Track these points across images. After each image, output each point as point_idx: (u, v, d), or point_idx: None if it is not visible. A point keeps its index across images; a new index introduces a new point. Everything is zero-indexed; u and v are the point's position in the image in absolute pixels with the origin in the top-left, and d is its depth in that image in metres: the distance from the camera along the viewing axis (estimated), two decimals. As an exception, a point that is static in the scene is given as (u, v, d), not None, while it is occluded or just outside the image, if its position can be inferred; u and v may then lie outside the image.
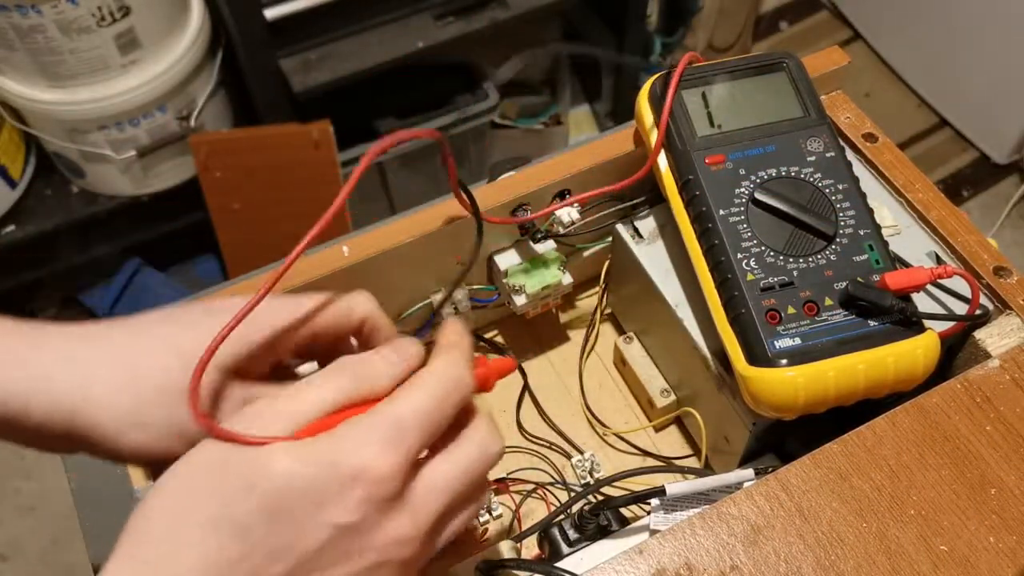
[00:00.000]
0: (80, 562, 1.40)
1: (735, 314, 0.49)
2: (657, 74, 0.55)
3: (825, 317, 0.48)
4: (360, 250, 0.54)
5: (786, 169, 0.52)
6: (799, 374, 0.46)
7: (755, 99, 0.55)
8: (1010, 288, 0.53)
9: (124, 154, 1.33)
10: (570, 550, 0.50)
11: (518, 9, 1.42)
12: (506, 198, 0.57)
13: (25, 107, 1.29)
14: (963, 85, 1.81)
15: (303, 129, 1.36)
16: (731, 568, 0.43)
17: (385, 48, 1.36)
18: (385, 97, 1.50)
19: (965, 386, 0.49)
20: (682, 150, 0.52)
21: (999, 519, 0.45)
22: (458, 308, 0.60)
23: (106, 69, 1.24)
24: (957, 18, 1.75)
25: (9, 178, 1.39)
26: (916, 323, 0.48)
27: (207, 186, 1.42)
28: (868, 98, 1.92)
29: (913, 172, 0.59)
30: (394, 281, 0.57)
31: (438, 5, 1.39)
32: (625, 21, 1.61)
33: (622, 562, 0.44)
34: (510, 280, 0.59)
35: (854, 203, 0.51)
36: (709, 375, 0.54)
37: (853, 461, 0.46)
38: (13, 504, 1.47)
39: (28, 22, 1.15)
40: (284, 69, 1.33)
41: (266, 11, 1.27)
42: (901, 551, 0.43)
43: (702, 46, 1.89)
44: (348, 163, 1.46)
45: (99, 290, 1.58)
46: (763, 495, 0.45)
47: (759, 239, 0.50)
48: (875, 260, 0.50)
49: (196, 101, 1.36)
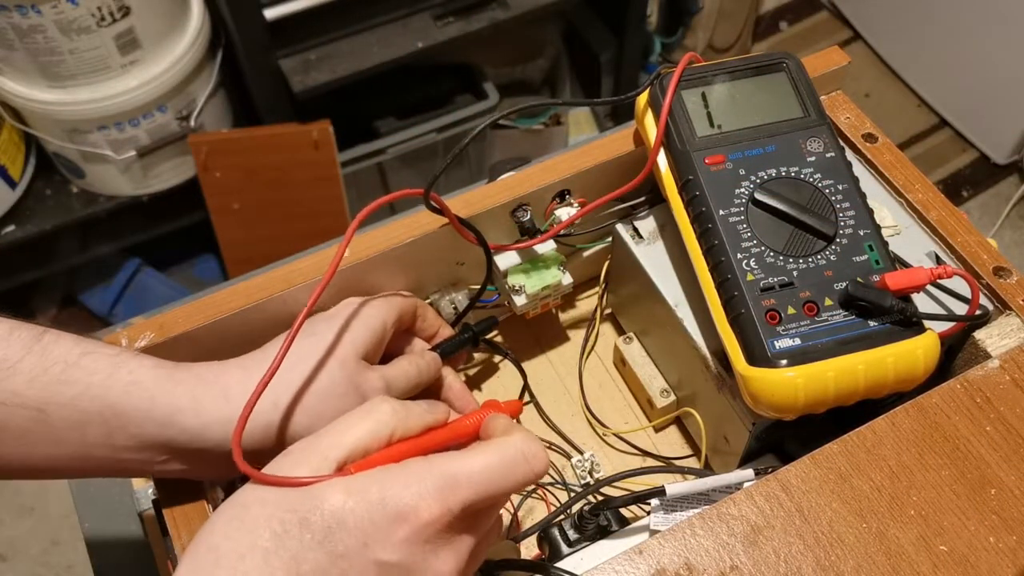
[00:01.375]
0: (80, 562, 1.40)
1: (735, 314, 0.49)
2: (657, 74, 0.55)
3: (825, 317, 0.48)
4: (359, 250, 0.54)
5: (786, 169, 0.52)
6: (799, 374, 0.46)
7: (755, 99, 0.55)
8: (1010, 288, 0.53)
9: (124, 154, 1.33)
10: (570, 550, 0.50)
11: (518, 9, 1.42)
12: (506, 198, 0.57)
13: (25, 107, 1.29)
14: (963, 85, 1.81)
15: (303, 129, 1.36)
16: (731, 568, 0.43)
17: (385, 48, 1.36)
18: (385, 97, 1.50)
19: (965, 386, 0.49)
20: (682, 150, 0.52)
21: (999, 519, 0.45)
22: (458, 308, 0.60)
23: (106, 69, 1.24)
24: (957, 18, 1.75)
25: (9, 178, 1.39)
26: (916, 323, 0.48)
27: (207, 186, 1.42)
28: (868, 98, 1.92)
29: (913, 172, 0.59)
30: (393, 282, 0.57)
31: (438, 5, 1.39)
32: (625, 21, 1.61)
33: (622, 562, 0.44)
34: (510, 280, 0.59)
35: (854, 203, 0.51)
36: (709, 375, 0.54)
37: (853, 461, 0.46)
38: (13, 504, 1.47)
39: (28, 22, 1.15)
40: (284, 69, 1.34)
41: (266, 11, 1.27)
42: (901, 551, 0.43)
43: (702, 46, 1.89)
44: (348, 163, 1.46)
45: (99, 290, 1.58)
46: (763, 495, 0.45)
47: (759, 239, 0.50)
48: (875, 260, 0.50)
49: (196, 101, 1.36)
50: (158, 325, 0.51)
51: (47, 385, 0.42)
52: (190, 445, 0.44)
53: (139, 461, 0.44)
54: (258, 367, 0.46)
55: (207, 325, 0.51)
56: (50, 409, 0.42)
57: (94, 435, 0.42)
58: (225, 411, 0.44)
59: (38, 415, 0.41)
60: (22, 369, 0.42)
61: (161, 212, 1.47)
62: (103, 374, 0.43)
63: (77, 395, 0.42)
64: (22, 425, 0.41)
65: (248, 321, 0.52)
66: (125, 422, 0.43)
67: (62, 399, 0.42)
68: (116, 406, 0.42)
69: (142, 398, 0.43)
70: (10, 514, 1.46)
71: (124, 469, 0.44)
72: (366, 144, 1.48)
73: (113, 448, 0.43)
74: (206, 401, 0.44)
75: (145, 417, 0.43)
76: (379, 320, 0.51)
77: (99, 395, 0.42)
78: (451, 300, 0.60)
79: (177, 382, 0.44)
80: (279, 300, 0.52)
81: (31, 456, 0.42)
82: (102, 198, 1.43)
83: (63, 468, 0.44)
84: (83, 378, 0.42)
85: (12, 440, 0.42)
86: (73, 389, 0.42)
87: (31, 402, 0.41)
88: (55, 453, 0.43)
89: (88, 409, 0.42)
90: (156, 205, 1.44)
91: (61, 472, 0.44)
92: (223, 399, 0.44)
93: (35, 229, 1.41)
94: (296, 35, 1.33)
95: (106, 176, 1.39)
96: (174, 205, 1.46)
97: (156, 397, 0.43)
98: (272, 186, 1.43)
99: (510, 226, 0.59)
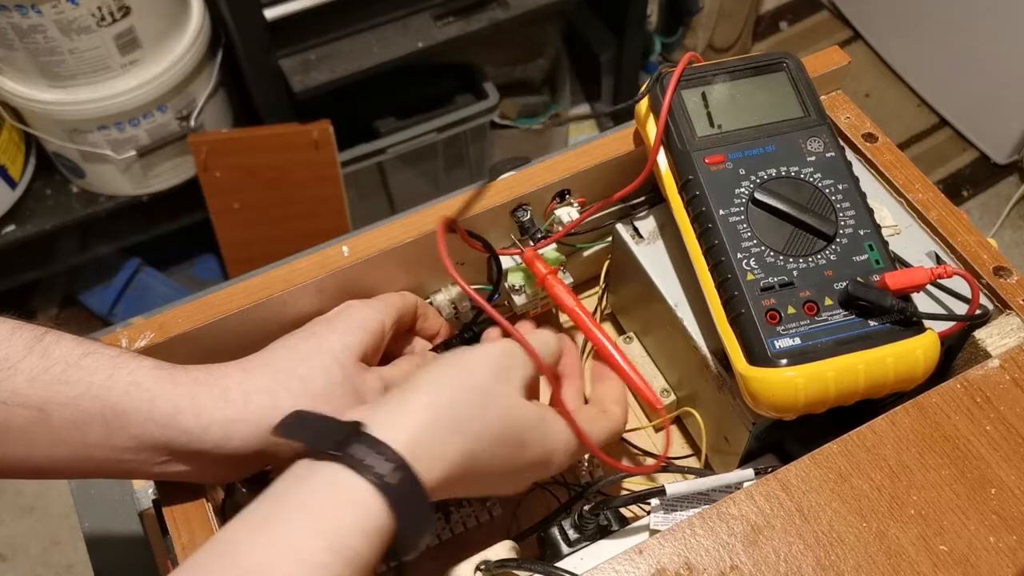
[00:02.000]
0: (80, 562, 1.40)
1: (735, 314, 0.49)
2: (657, 74, 0.55)
3: (825, 317, 0.48)
4: (360, 250, 0.54)
5: (786, 169, 0.52)
6: (799, 374, 0.46)
7: (755, 99, 0.55)
8: (1010, 288, 0.53)
9: (124, 154, 1.33)
10: (570, 550, 0.50)
11: (518, 9, 1.42)
12: (506, 198, 0.57)
13: (25, 107, 1.29)
14: (963, 85, 1.81)
15: (303, 129, 1.36)
16: (731, 568, 0.43)
17: (385, 48, 1.36)
18: (385, 97, 1.50)
19: (965, 386, 0.49)
20: (682, 150, 0.52)
21: (999, 519, 0.45)
22: (458, 308, 0.60)
23: (106, 69, 1.24)
24: (957, 18, 1.75)
25: (9, 178, 1.39)
26: (916, 323, 0.48)
27: (207, 186, 1.42)
28: (868, 98, 1.92)
29: (913, 172, 0.59)
30: (393, 281, 0.57)
31: (438, 5, 1.39)
32: (625, 21, 1.61)
33: (622, 562, 0.44)
34: (510, 280, 0.59)
35: (854, 203, 0.51)
36: (709, 375, 0.54)
37: (853, 461, 0.46)
38: (14, 505, 1.47)
39: (28, 22, 1.15)
40: (284, 69, 1.34)
41: (266, 11, 1.27)
42: (901, 551, 0.43)
43: (702, 46, 1.89)
44: (348, 163, 1.46)
45: (99, 290, 1.58)
46: (763, 495, 0.45)
47: (759, 239, 0.50)
48: (875, 260, 0.50)
49: (196, 101, 1.36)
50: (158, 325, 0.51)
51: (48, 385, 0.42)
52: (190, 446, 0.44)
53: (139, 462, 0.44)
54: (258, 370, 0.46)
55: (207, 325, 0.51)
56: (50, 409, 0.42)
57: (94, 435, 0.42)
58: (225, 412, 0.44)
59: (39, 415, 0.42)
60: (23, 369, 0.42)
61: (161, 212, 1.47)
62: (104, 374, 0.43)
63: (78, 395, 0.42)
64: (23, 425, 0.42)
65: (248, 321, 0.52)
66: (125, 423, 0.43)
67: (63, 399, 0.42)
68: (117, 407, 0.42)
69: (142, 399, 0.43)
70: (10, 514, 1.46)
71: (124, 470, 0.44)
72: (366, 144, 1.47)
73: (113, 449, 0.43)
74: (206, 402, 0.44)
75: (145, 418, 0.43)
76: (377, 322, 0.51)
77: (100, 395, 0.42)
78: (451, 300, 0.60)
79: (177, 383, 0.44)
80: (279, 300, 0.52)
81: (31, 456, 0.43)
82: (102, 198, 1.43)
83: (63, 468, 0.44)
84: (84, 378, 0.42)
85: (13, 440, 0.42)
86: (74, 389, 0.42)
87: (32, 402, 0.41)
88: (55, 453, 0.43)
89: (89, 409, 0.42)
90: (156, 205, 1.44)
91: (61, 472, 0.44)
92: (223, 400, 0.44)
93: (35, 229, 1.41)
94: (296, 35, 1.33)
95: (106, 176, 1.39)
96: (174, 205, 1.46)
97: (156, 398, 0.43)
98: (272, 186, 1.43)
99: (510, 226, 0.59)
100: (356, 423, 0.40)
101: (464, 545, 0.56)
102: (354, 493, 0.38)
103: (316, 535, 0.36)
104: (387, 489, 0.38)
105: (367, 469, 0.38)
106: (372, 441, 0.39)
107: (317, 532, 0.36)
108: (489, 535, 0.56)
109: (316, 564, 0.36)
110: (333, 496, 0.38)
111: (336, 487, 0.38)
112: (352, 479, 0.38)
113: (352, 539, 0.37)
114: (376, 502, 0.38)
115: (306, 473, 0.39)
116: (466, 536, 0.57)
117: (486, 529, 0.57)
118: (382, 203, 1.60)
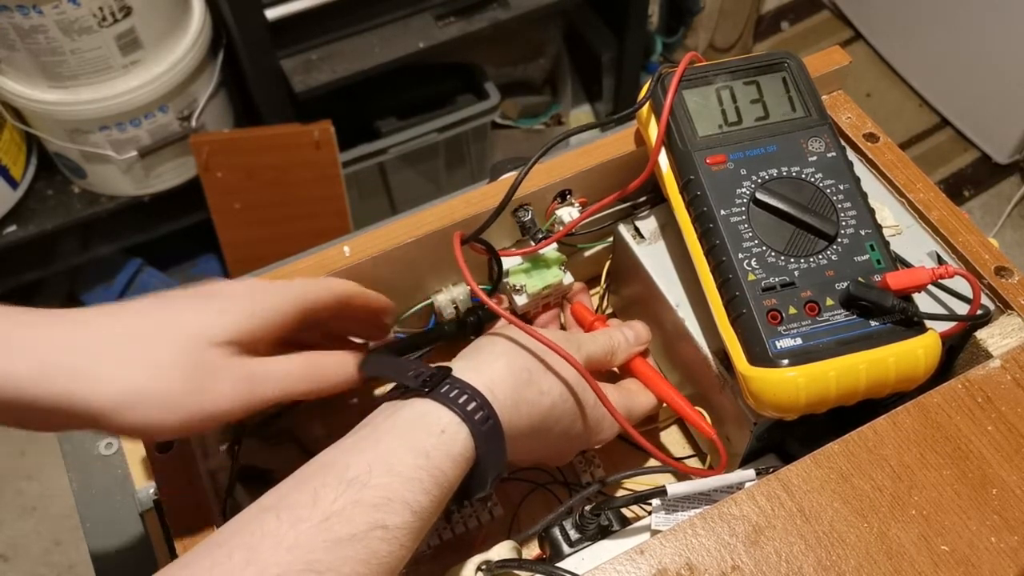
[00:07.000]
0: (82, 562, 1.40)
1: (736, 314, 0.49)
2: (658, 74, 0.55)
3: (826, 317, 0.48)
4: (361, 250, 0.54)
5: (787, 169, 0.52)
6: (800, 374, 0.46)
7: (756, 99, 0.55)
8: (1011, 288, 0.53)
9: (125, 154, 1.34)
10: (571, 550, 0.50)
11: (519, 9, 1.42)
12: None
13: (26, 107, 1.29)
14: (964, 85, 1.81)
15: (304, 129, 1.36)
16: (732, 568, 0.43)
17: (386, 48, 1.36)
18: (386, 97, 1.50)
19: (966, 386, 0.49)
20: (683, 150, 0.52)
21: (1000, 519, 0.45)
22: (459, 307, 0.60)
23: (107, 69, 1.24)
24: (958, 18, 1.75)
25: (10, 178, 1.39)
26: (917, 323, 0.48)
27: (208, 186, 1.42)
28: (869, 98, 1.92)
29: (914, 172, 0.59)
30: (394, 281, 0.57)
31: (439, 5, 1.39)
32: (626, 21, 1.61)
33: (623, 562, 0.44)
34: (511, 280, 0.59)
35: (855, 203, 0.51)
36: (710, 375, 0.54)
37: (854, 461, 0.46)
38: (15, 505, 1.47)
39: (29, 22, 1.15)
40: (285, 69, 1.34)
41: (267, 11, 1.27)
42: (902, 551, 0.43)
43: (703, 46, 1.89)
44: (349, 163, 1.46)
45: (100, 290, 1.58)
46: (764, 495, 0.45)
47: (760, 239, 0.50)
48: (876, 260, 0.50)
49: (197, 101, 1.36)
50: (159, 325, 0.51)
51: None
52: None
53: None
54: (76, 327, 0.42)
55: (208, 325, 0.51)
56: None
57: None
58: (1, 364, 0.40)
59: None
60: None
61: (162, 212, 1.47)
62: None
63: None
64: None
65: (249, 321, 0.52)
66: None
67: None
68: None
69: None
70: (12, 514, 1.47)
71: None
72: (367, 144, 1.48)
73: None
74: None
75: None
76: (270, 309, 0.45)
77: None
78: (452, 300, 0.60)
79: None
80: (280, 300, 0.52)
81: None
82: (103, 198, 1.43)
83: None
84: None
85: None
86: None
87: None
88: None
89: None
90: (157, 205, 1.44)
91: None
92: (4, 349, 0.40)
93: (36, 229, 1.41)
94: (297, 35, 1.33)
95: (107, 176, 1.39)
96: (175, 205, 1.46)
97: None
98: (273, 186, 1.43)
99: (511, 226, 0.59)
100: (445, 366, 0.45)
101: (465, 545, 0.56)
102: (441, 422, 0.43)
103: (408, 453, 0.41)
104: (471, 422, 0.43)
105: (453, 402, 0.43)
106: (458, 382, 0.44)
107: (408, 450, 0.41)
108: (490, 535, 0.56)
109: (409, 478, 0.40)
110: (423, 425, 0.42)
111: (425, 417, 0.43)
112: (439, 411, 0.43)
113: (440, 460, 0.41)
114: (462, 432, 0.43)
115: (393, 410, 0.44)
116: (467, 536, 0.57)
117: (487, 529, 0.57)
118: (383, 203, 1.60)
